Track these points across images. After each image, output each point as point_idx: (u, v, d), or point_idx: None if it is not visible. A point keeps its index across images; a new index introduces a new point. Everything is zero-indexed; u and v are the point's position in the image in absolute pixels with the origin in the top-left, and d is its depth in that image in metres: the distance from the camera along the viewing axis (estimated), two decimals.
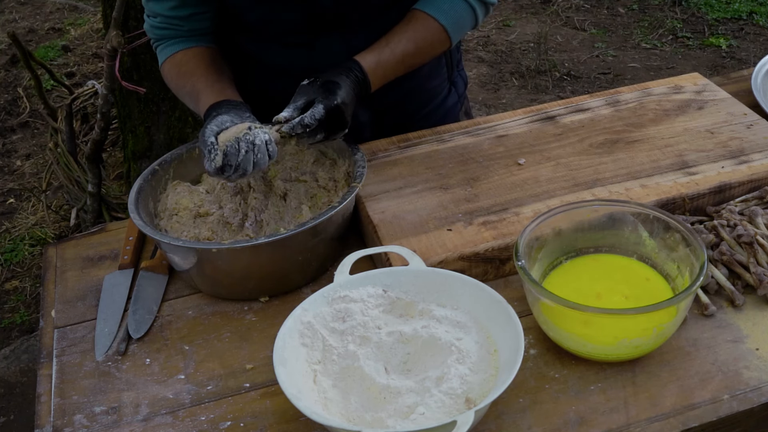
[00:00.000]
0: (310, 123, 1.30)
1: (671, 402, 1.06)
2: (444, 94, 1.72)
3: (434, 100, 1.71)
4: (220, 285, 1.30)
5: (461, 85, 1.78)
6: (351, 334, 1.12)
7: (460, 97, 1.77)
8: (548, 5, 4.96)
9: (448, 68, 1.72)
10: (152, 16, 1.52)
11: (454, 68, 1.75)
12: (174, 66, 1.53)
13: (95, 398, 1.16)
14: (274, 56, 1.55)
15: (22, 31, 5.06)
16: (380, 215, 1.35)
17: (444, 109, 1.73)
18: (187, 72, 1.50)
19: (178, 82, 1.52)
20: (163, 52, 1.54)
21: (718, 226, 1.29)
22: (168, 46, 1.53)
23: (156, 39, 1.55)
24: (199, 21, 1.51)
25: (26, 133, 4.03)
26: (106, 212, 2.87)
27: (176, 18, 1.49)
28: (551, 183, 1.40)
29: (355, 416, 1.02)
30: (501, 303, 1.10)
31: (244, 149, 1.25)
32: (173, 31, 1.51)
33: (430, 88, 1.69)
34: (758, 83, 1.72)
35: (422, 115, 1.69)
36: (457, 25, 1.50)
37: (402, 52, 1.45)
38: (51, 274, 1.42)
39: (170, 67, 1.54)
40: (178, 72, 1.52)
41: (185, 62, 1.51)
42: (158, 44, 1.56)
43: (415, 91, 1.65)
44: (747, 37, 4.47)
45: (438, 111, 1.72)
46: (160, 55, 1.56)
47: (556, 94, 4.04)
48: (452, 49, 1.69)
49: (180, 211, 1.36)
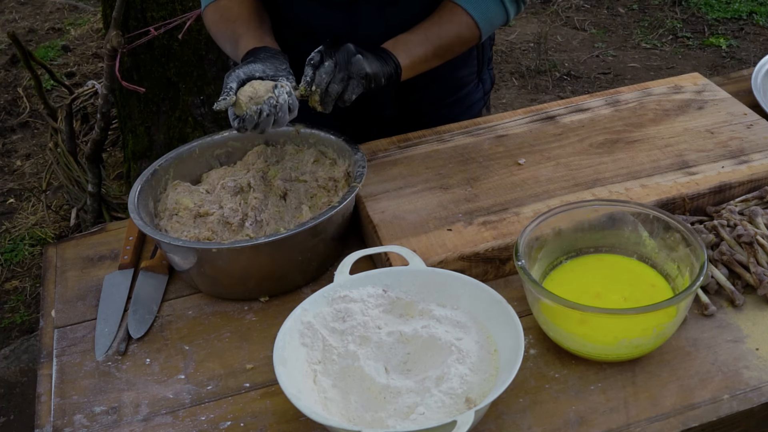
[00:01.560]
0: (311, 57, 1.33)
1: (671, 402, 1.06)
2: (471, 88, 1.73)
3: (460, 91, 1.71)
4: (220, 285, 1.30)
5: (488, 83, 1.79)
6: (351, 334, 1.12)
7: (485, 95, 1.78)
8: (548, 5, 4.96)
9: (479, 63, 1.73)
10: None
11: (485, 65, 1.76)
12: (217, 10, 1.53)
13: (95, 398, 1.16)
14: (312, 16, 1.54)
15: (22, 31, 5.06)
16: (380, 215, 1.35)
17: (468, 102, 1.74)
18: (230, 18, 1.50)
19: (219, 27, 1.52)
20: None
21: (718, 226, 1.29)
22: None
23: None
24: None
25: (26, 133, 4.03)
26: (106, 212, 2.87)
27: None
28: (551, 183, 1.40)
29: (355, 416, 1.02)
30: (501, 303, 1.10)
31: (266, 113, 1.28)
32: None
33: (458, 77, 1.69)
34: (758, 83, 1.72)
35: (446, 103, 1.69)
36: (488, 20, 1.51)
37: (426, 34, 1.46)
38: (51, 274, 1.42)
39: (213, 11, 1.54)
40: (220, 17, 1.52)
41: (229, 7, 1.52)
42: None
43: (443, 77, 1.65)
44: (747, 37, 4.47)
45: (462, 103, 1.72)
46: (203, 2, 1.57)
47: (556, 94, 4.04)
48: (485, 45, 1.71)
49: (180, 211, 1.36)
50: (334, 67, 1.33)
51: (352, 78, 1.34)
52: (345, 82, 1.34)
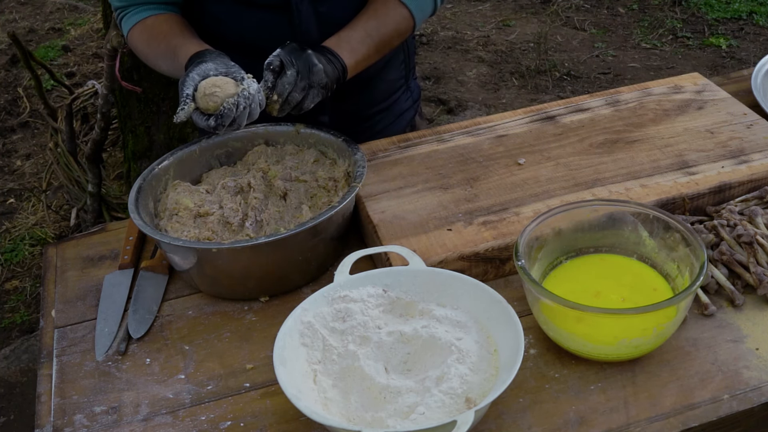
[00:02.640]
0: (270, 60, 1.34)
1: (671, 402, 1.06)
2: (400, 94, 1.75)
3: (390, 97, 1.72)
4: (220, 285, 1.30)
5: (416, 92, 1.81)
6: (351, 334, 1.12)
7: (414, 103, 1.80)
8: (548, 5, 4.96)
9: (406, 68, 1.74)
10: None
11: (411, 73, 1.78)
12: (145, 29, 1.49)
13: (95, 398, 1.16)
14: (244, 25, 1.51)
15: (22, 31, 5.06)
16: (380, 215, 1.35)
17: (398, 110, 1.75)
18: (160, 34, 1.47)
19: (151, 45, 1.49)
20: (131, 18, 1.51)
21: (718, 226, 1.29)
22: (137, 13, 1.50)
23: (124, 6, 1.51)
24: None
25: (26, 133, 4.03)
26: (106, 212, 2.87)
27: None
28: (551, 183, 1.40)
29: (355, 416, 1.02)
30: (501, 303, 1.10)
31: (242, 105, 1.29)
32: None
33: (389, 80, 1.70)
34: (758, 83, 1.72)
35: (379, 109, 1.70)
36: (421, 10, 1.54)
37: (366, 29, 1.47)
38: (51, 274, 1.42)
39: (140, 31, 1.50)
40: (150, 34, 1.49)
41: (157, 25, 1.49)
42: (125, 12, 1.51)
43: (374, 81, 1.65)
44: (747, 37, 4.47)
45: (393, 110, 1.74)
46: (127, 23, 1.51)
47: (556, 94, 4.04)
48: (410, 51, 1.73)
49: (180, 211, 1.36)
50: (296, 75, 1.34)
51: (312, 87, 1.36)
52: (305, 92, 1.36)
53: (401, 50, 1.69)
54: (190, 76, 1.31)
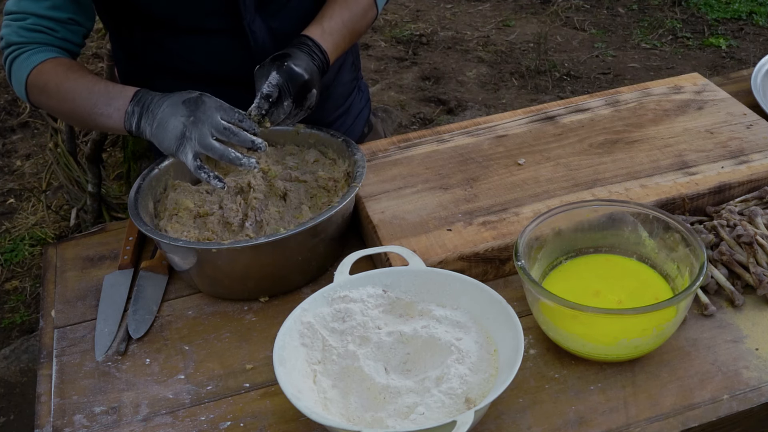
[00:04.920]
0: (269, 92, 1.31)
1: (671, 402, 1.06)
2: (354, 95, 1.76)
3: (347, 99, 1.73)
4: (220, 285, 1.30)
5: (366, 91, 1.82)
6: (351, 334, 1.12)
7: (367, 102, 1.82)
8: (548, 5, 4.96)
9: (355, 69, 1.76)
10: (22, 18, 1.38)
11: (359, 71, 1.79)
12: (61, 64, 1.38)
13: (95, 398, 1.16)
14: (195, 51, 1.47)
15: None
16: (380, 215, 1.35)
17: (356, 109, 1.76)
18: (83, 70, 1.39)
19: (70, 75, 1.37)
20: (37, 56, 1.38)
21: (717, 226, 1.29)
22: (41, 52, 1.38)
23: (23, 43, 1.38)
24: (73, 32, 1.41)
25: (26, 133, 4.03)
26: (106, 212, 2.87)
27: (52, 20, 1.38)
28: (551, 183, 1.40)
29: (355, 416, 1.02)
30: (501, 303, 1.11)
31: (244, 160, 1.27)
32: (46, 36, 1.38)
33: (344, 82, 1.71)
34: (758, 83, 1.72)
35: (339, 114, 1.71)
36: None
37: (342, 19, 1.47)
38: (51, 274, 1.42)
39: (55, 65, 1.37)
40: (68, 68, 1.38)
41: (68, 63, 1.39)
42: (26, 49, 1.38)
43: (331, 85, 1.65)
44: (747, 37, 4.47)
45: (351, 111, 1.75)
46: (30, 60, 1.37)
47: (556, 94, 4.04)
48: (356, 52, 1.74)
49: (180, 211, 1.36)
50: (292, 106, 1.34)
51: (302, 110, 1.38)
52: (297, 117, 1.38)
53: (350, 51, 1.70)
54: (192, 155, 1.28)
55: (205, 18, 1.44)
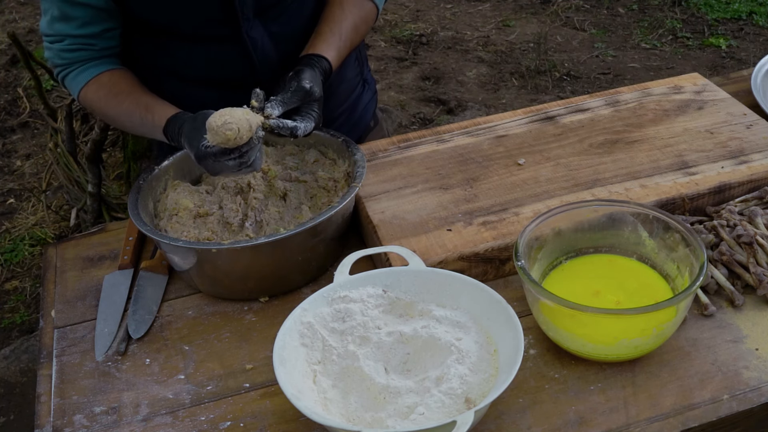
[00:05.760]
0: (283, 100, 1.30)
1: (671, 402, 1.06)
2: (359, 90, 1.75)
3: (351, 95, 1.73)
4: (220, 285, 1.30)
5: (372, 84, 1.82)
6: (351, 334, 1.12)
7: (374, 95, 1.82)
8: (548, 5, 4.96)
9: (360, 64, 1.75)
10: (59, 40, 1.42)
11: (364, 65, 1.78)
12: (102, 86, 1.44)
13: (95, 398, 1.16)
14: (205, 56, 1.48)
15: (22, 31, 5.06)
16: (380, 215, 1.35)
17: (362, 104, 1.76)
18: (121, 90, 1.43)
19: (110, 102, 1.43)
20: (81, 76, 1.44)
21: (717, 226, 1.29)
22: (85, 70, 1.44)
23: (66, 64, 1.44)
24: (110, 38, 1.44)
25: (26, 133, 4.03)
26: (106, 212, 2.87)
27: (88, 36, 1.41)
28: (551, 183, 1.40)
29: (355, 416, 1.02)
30: (501, 303, 1.11)
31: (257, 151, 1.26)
32: (86, 52, 1.42)
33: (347, 79, 1.70)
34: (758, 83, 1.72)
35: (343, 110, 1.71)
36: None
37: (350, 41, 1.48)
38: (51, 274, 1.42)
39: (97, 88, 1.44)
40: (108, 91, 1.43)
41: (115, 83, 1.44)
42: (71, 69, 1.44)
43: (333, 83, 1.63)
44: (747, 37, 4.47)
45: (357, 107, 1.74)
46: (76, 81, 1.44)
47: (556, 94, 4.04)
48: (360, 47, 1.74)
49: (180, 211, 1.36)
50: (314, 126, 1.33)
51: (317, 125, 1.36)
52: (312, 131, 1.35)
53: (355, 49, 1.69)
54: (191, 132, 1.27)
55: (204, 26, 1.44)
